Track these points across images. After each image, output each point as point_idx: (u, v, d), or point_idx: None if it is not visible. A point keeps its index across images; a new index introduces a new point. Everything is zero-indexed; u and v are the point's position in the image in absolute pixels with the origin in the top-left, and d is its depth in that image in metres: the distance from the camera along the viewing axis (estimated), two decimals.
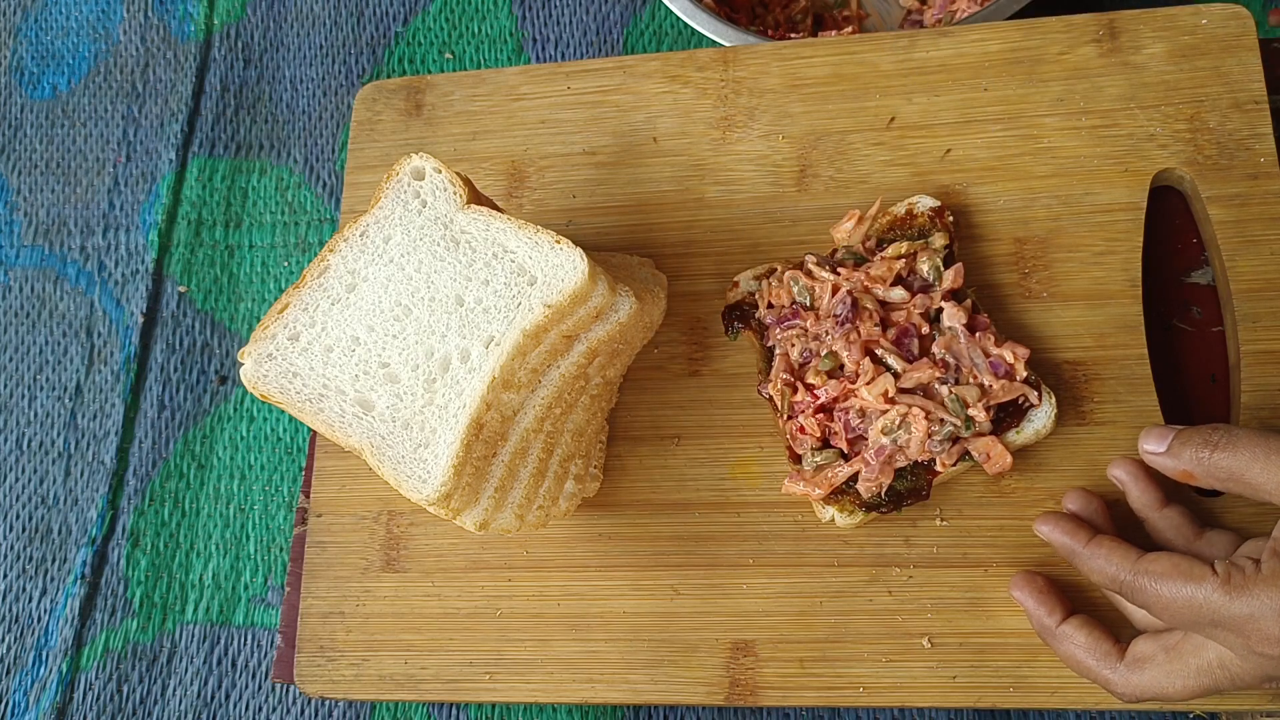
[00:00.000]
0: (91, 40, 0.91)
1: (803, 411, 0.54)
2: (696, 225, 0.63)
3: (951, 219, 0.58)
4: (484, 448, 0.50)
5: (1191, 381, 0.57)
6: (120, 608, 0.74)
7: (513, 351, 0.49)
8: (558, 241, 0.51)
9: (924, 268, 0.55)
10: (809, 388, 0.54)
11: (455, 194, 0.54)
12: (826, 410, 0.54)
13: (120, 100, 0.89)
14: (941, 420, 0.52)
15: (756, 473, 0.58)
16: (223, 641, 0.72)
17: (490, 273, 0.52)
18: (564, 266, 0.51)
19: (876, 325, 0.54)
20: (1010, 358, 0.53)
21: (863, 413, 0.53)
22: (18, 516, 0.78)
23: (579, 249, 0.51)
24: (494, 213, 0.54)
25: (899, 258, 0.55)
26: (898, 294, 0.55)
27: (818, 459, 0.54)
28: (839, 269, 0.56)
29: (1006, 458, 0.52)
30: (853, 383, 0.53)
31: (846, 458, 0.53)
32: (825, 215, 0.61)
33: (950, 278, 0.55)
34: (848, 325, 0.54)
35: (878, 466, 0.52)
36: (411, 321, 0.52)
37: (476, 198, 0.56)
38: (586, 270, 0.50)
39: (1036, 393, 0.53)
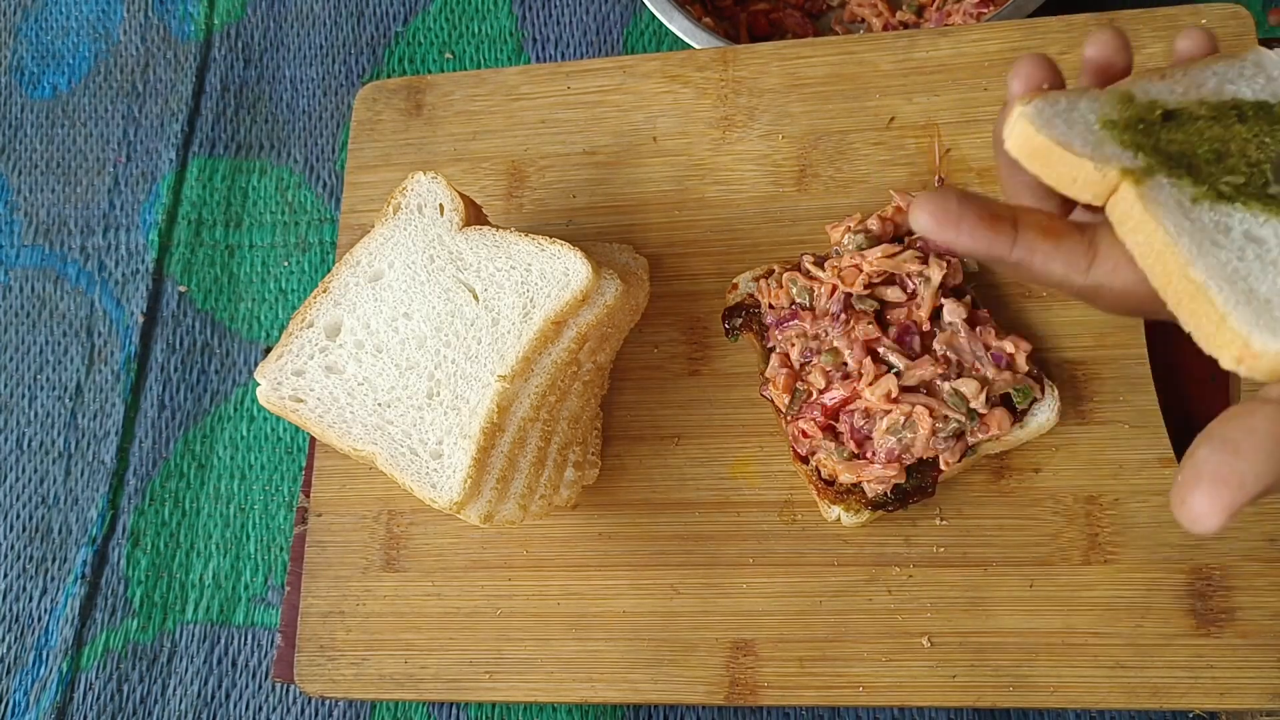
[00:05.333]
0: (91, 40, 0.91)
1: (809, 415, 0.54)
2: (696, 225, 0.63)
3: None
4: (483, 439, 0.50)
5: (1191, 381, 0.57)
6: (120, 607, 0.74)
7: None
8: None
9: (912, 267, 0.55)
10: (818, 391, 0.54)
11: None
12: (832, 413, 0.54)
13: (120, 100, 0.89)
14: (946, 417, 0.52)
15: (756, 472, 0.58)
16: (223, 641, 0.72)
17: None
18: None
19: (871, 323, 0.54)
20: (1011, 348, 0.53)
21: (868, 413, 0.53)
22: (18, 516, 0.78)
23: (578, 250, 0.51)
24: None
25: (889, 256, 0.55)
26: (893, 293, 0.55)
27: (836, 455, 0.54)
28: (838, 266, 0.56)
29: (1006, 422, 0.52)
30: (856, 382, 0.53)
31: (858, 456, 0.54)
32: (825, 215, 0.61)
33: (941, 275, 0.55)
34: (843, 321, 0.54)
35: (885, 465, 0.53)
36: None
37: (478, 215, 0.57)
38: (589, 274, 0.51)
39: (1039, 385, 0.53)
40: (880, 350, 0.54)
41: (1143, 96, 0.39)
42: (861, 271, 0.55)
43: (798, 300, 0.57)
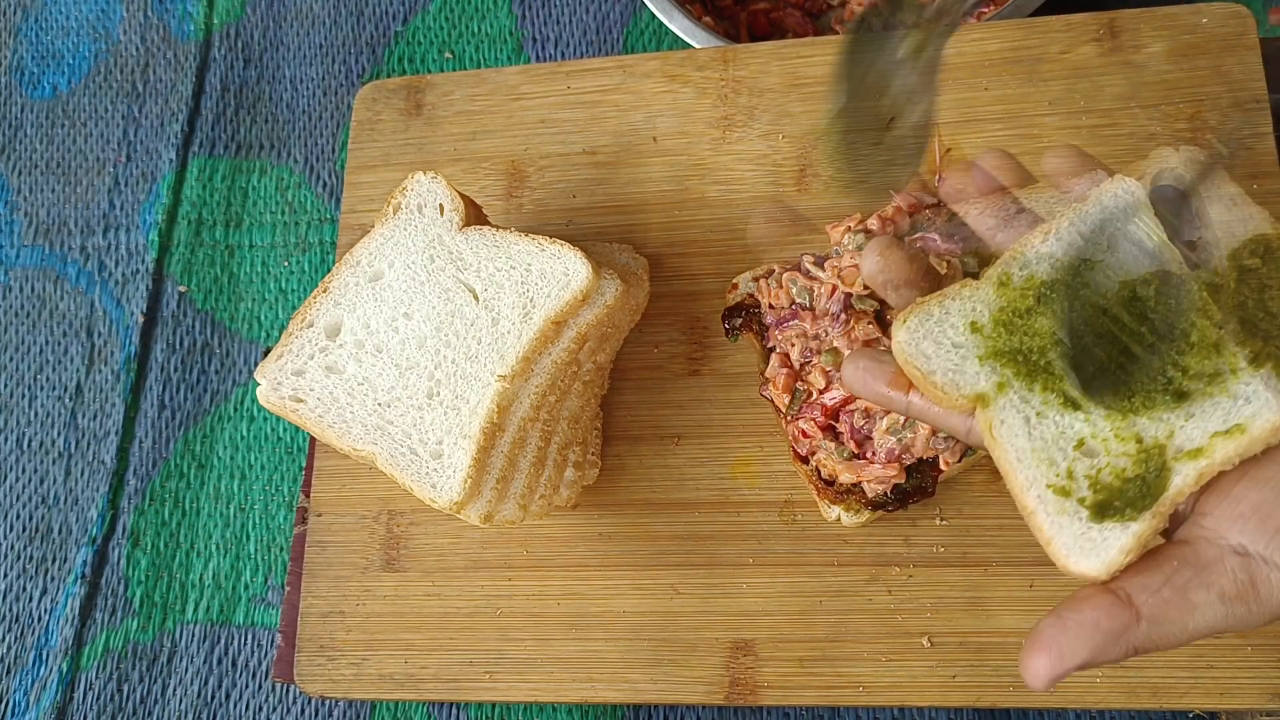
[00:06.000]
0: (91, 40, 0.91)
1: (809, 415, 0.54)
2: (696, 225, 0.63)
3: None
4: (483, 439, 0.50)
5: None
6: (120, 607, 0.74)
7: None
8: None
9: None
10: (818, 391, 0.54)
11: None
12: (832, 413, 0.54)
13: (120, 100, 0.89)
14: None
15: (756, 472, 0.58)
16: (223, 641, 0.72)
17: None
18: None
19: (871, 323, 0.54)
20: None
21: (868, 413, 0.53)
22: (18, 516, 0.78)
23: (578, 250, 0.51)
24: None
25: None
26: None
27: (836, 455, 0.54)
28: (838, 266, 0.56)
29: None
30: None
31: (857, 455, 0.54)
32: (825, 215, 0.61)
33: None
34: (843, 321, 0.54)
35: (885, 465, 0.53)
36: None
37: (478, 215, 0.57)
38: (589, 274, 0.51)
39: None
40: (880, 350, 0.54)
41: (1020, 273, 0.39)
42: (854, 266, 0.55)
43: (798, 300, 0.57)
